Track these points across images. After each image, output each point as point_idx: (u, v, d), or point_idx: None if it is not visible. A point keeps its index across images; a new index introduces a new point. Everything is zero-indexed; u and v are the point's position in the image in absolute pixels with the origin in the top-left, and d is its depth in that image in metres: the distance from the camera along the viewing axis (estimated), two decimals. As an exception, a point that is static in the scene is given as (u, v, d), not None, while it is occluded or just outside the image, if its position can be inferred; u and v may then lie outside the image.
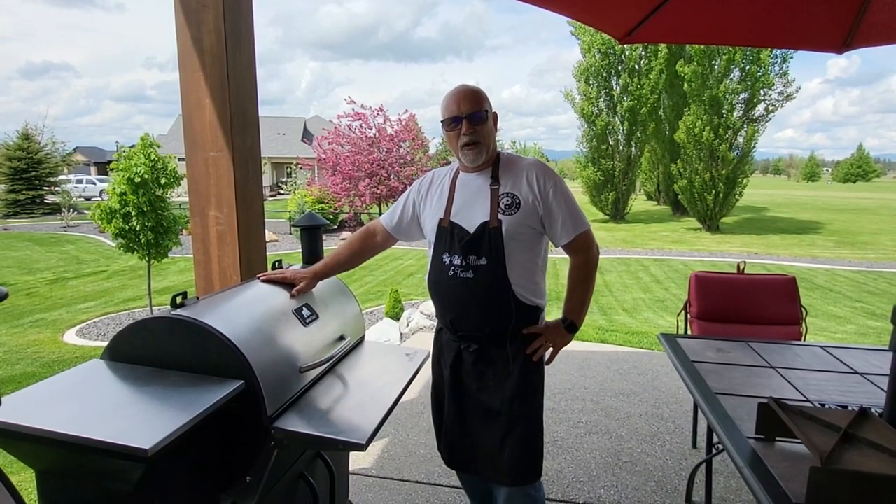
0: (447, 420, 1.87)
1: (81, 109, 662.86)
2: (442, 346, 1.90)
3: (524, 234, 1.71)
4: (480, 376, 1.78)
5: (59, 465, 1.24)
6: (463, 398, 1.82)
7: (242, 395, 1.34)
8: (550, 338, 1.80)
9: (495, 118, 1.83)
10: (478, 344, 1.77)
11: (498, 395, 1.75)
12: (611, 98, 21.66)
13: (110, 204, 6.83)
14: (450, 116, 1.73)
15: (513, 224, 1.69)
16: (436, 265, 1.79)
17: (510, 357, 1.75)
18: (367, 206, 18.73)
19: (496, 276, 1.69)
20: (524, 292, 1.73)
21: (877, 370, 2.17)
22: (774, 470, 1.39)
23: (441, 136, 24.51)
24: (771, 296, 3.18)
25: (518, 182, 1.74)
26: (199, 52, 2.10)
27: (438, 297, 1.82)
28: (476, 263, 1.69)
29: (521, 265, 1.72)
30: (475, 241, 1.69)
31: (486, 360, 1.77)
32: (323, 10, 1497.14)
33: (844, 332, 6.99)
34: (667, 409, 3.57)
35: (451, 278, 1.73)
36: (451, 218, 1.76)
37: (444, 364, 1.87)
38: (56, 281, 10.45)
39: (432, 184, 1.90)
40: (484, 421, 1.78)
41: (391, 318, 6.48)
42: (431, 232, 1.81)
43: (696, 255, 14.50)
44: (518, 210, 1.70)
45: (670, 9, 2.35)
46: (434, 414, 1.97)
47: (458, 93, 1.73)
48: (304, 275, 1.84)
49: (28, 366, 5.51)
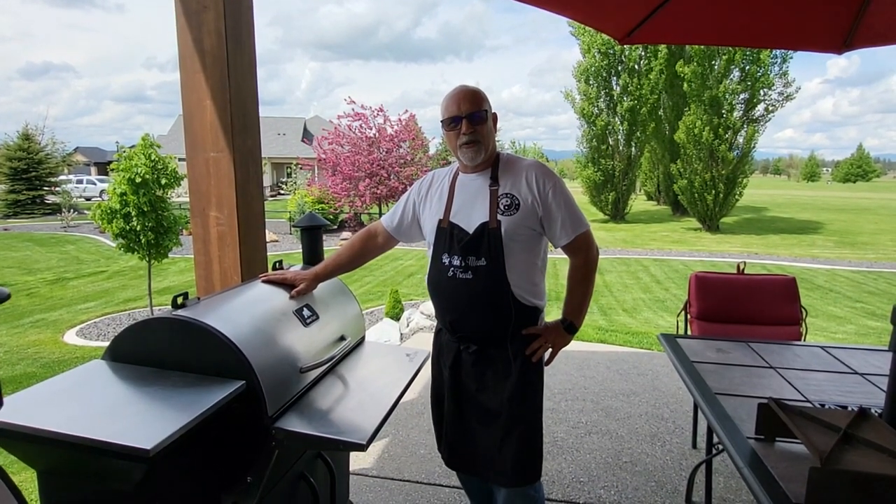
0: (447, 420, 1.87)
1: (82, 110, 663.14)
2: (441, 347, 1.90)
3: (523, 235, 1.71)
4: (480, 377, 1.78)
5: (60, 466, 1.25)
6: (462, 398, 1.82)
7: (243, 396, 1.34)
8: (550, 338, 1.81)
9: (495, 118, 1.84)
10: (477, 345, 1.77)
11: (497, 396, 1.75)
12: (611, 98, 21.66)
13: (111, 204, 6.84)
14: (449, 116, 1.74)
15: (512, 225, 1.69)
16: (435, 266, 1.80)
17: (510, 357, 1.75)
18: (368, 206, 18.73)
19: (495, 276, 1.69)
20: (523, 293, 1.73)
21: (877, 370, 2.17)
22: (774, 470, 1.39)
23: (441, 136, 24.55)
24: (771, 296, 3.18)
25: (517, 183, 1.74)
26: (200, 53, 2.11)
27: (438, 297, 1.82)
28: (475, 264, 1.69)
29: (521, 266, 1.72)
30: (474, 242, 1.70)
31: (485, 360, 1.77)
32: (323, 11, 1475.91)
33: (844, 332, 6.99)
34: (667, 409, 3.58)
35: (451, 279, 1.73)
36: (450, 218, 1.77)
37: (443, 364, 1.88)
38: (56, 281, 10.46)
39: (432, 184, 1.91)
40: (483, 421, 1.78)
41: (391, 318, 6.48)
42: (431, 233, 1.82)
43: (697, 255, 14.49)
44: (517, 211, 1.70)
45: (670, 9, 2.35)
46: (434, 414, 1.97)
47: (458, 93, 1.74)
48: (304, 276, 1.85)
49: (28, 366, 5.52)
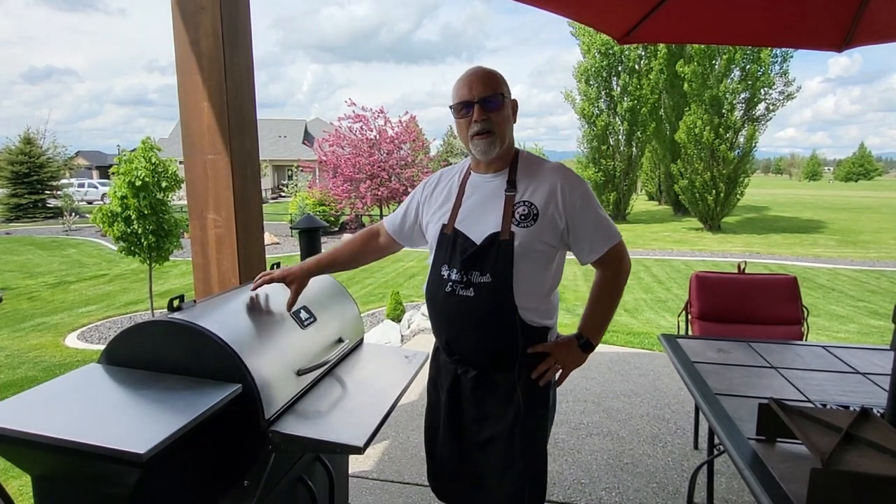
0: (441, 448, 1.68)
1: (84, 113, 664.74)
2: (439, 368, 1.70)
3: (539, 251, 1.50)
4: (480, 403, 1.57)
5: (54, 470, 1.24)
6: (460, 426, 1.62)
7: (239, 399, 1.33)
8: (560, 358, 1.57)
9: (514, 106, 1.58)
10: (476, 369, 1.57)
11: (499, 424, 1.55)
12: (611, 98, 21.67)
13: (112, 207, 6.85)
14: (460, 101, 1.51)
15: (528, 238, 1.47)
16: (434, 277, 1.59)
17: (514, 382, 1.54)
18: (369, 207, 18.76)
19: (500, 296, 1.47)
20: (532, 315, 1.52)
21: (879, 370, 2.16)
22: (775, 471, 1.38)
23: (443, 137, 24.20)
24: (772, 296, 3.17)
25: (539, 190, 1.51)
26: (197, 56, 2.10)
27: (433, 313, 1.62)
28: (478, 280, 1.48)
29: (530, 285, 1.50)
30: (480, 255, 1.48)
31: (486, 385, 1.57)
32: (324, 13, 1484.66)
33: (847, 331, 6.96)
34: (668, 410, 3.56)
35: (449, 295, 1.52)
36: (455, 225, 1.55)
37: (440, 388, 1.68)
38: (58, 285, 10.47)
39: (439, 184, 1.70)
40: (483, 451, 1.58)
41: (392, 320, 6.48)
42: (433, 239, 1.61)
43: (698, 255, 14.47)
44: (535, 222, 1.48)
45: (669, 8, 2.34)
46: (427, 439, 1.76)
47: (471, 75, 1.51)
48: (293, 272, 1.69)
49: (30, 370, 5.52)
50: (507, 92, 1.53)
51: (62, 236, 17.80)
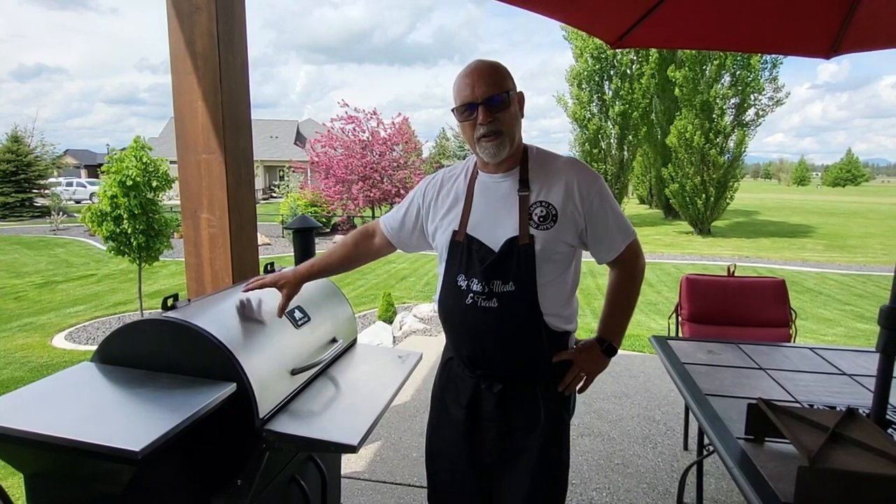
0: (458, 470, 1.55)
1: (73, 112, 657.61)
2: (452, 380, 1.58)
3: (560, 253, 1.42)
4: (504, 418, 1.49)
5: (48, 469, 1.24)
6: (483, 444, 1.52)
7: (234, 398, 1.34)
8: (584, 366, 1.51)
9: (521, 100, 1.47)
10: (503, 383, 1.47)
11: (525, 439, 1.47)
12: (603, 102, 21.81)
13: (101, 206, 6.78)
14: (463, 103, 1.40)
15: (549, 241, 1.39)
16: (449, 290, 1.48)
17: (538, 394, 1.47)
18: (361, 209, 18.71)
19: (526, 304, 1.39)
20: (556, 321, 1.45)
21: (865, 371, 2.20)
22: (764, 470, 1.40)
23: (435, 139, 24.13)
24: (761, 298, 3.21)
25: (554, 188, 1.43)
26: (192, 55, 2.10)
27: (453, 328, 1.52)
28: (501, 290, 1.39)
29: (553, 289, 1.43)
30: (501, 263, 1.39)
31: (510, 399, 1.49)
32: (317, 14, 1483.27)
33: (834, 334, 7.05)
34: (658, 411, 3.59)
35: (470, 308, 1.42)
36: (468, 231, 1.45)
37: (453, 402, 1.56)
38: (45, 284, 10.34)
39: (442, 186, 1.58)
40: (507, 471, 1.50)
41: (384, 321, 6.47)
42: (443, 248, 1.50)
43: (688, 258, 14.58)
44: (555, 224, 1.40)
45: (661, 14, 2.37)
46: (434, 460, 1.62)
47: (472, 72, 1.39)
48: (286, 277, 1.64)
49: (16, 370, 5.45)
50: (513, 85, 1.43)
51: (50, 235, 17.59)
